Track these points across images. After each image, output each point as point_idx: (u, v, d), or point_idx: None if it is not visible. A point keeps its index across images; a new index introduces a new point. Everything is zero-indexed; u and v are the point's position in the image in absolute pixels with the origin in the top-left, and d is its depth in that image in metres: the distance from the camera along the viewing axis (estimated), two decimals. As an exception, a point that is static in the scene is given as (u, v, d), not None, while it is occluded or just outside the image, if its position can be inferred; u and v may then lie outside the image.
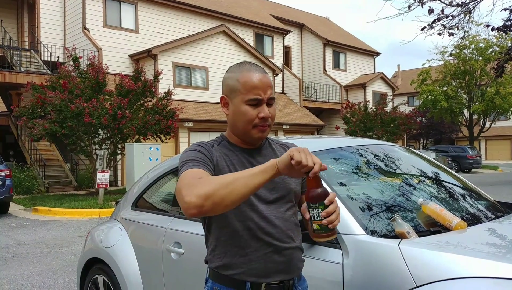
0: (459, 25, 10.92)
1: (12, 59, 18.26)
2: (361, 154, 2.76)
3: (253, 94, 1.59)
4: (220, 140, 1.72)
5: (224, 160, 1.63)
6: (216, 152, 1.65)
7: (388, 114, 24.51)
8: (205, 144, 1.66)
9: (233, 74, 1.65)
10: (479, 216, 2.52)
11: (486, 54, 28.87)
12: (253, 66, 1.66)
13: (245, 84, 1.60)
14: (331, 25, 35.26)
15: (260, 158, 1.68)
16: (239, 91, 1.61)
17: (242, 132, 1.64)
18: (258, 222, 1.60)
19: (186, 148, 1.68)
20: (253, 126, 1.61)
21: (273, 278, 1.61)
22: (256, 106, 1.60)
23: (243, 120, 1.61)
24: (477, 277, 1.66)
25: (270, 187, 1.64)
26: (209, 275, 1.69)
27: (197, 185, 1.38)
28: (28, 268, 6.11)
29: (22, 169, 15.39)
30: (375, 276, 1.87)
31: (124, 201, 3.56)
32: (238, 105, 1.62)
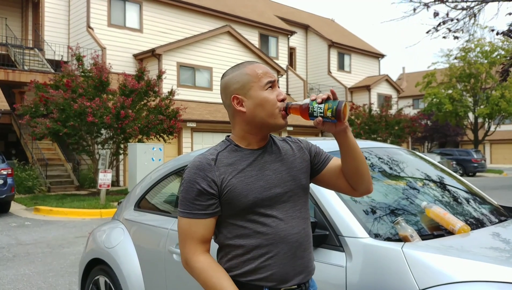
0: (464, 28, 10.91)
1: (15, 58, 18.31)
2: (365, 157, 2.74)
3: (267, 78, 1.61)
4: (227, 144, 1.66)
5: (230, 173, 1.58)
6: (220, 167, 1.58)
7: (392, 116, 24.48)
8: (207, 164, 1.58)
9: (237, 72, 1.64)
10: (483, 220, 2.51)
11: (491, 58, 28.82)
12: (251, 61, 1.69)
13: (256, 74, 1.61)
14: (336, 26, 35.25)
15: (269, 157, 1.65)
16: (253, 82, 1.60)
17: (268, 120, 1.60)
18: (276, 226, 1.57)
19: (189, 165, 1.62)
20: (279, 110, 1.60)
21: (292, 282, 1.59)
22: (272, 88, 1.62)
23: (267, 106, 1.59)
24: (481, 281, 1.66)
25: (283, 187, 1.61)
26: None
27: (190, 271, 1.63)
28: (29, 268, 6.10)
29: (24, 168, 15.41)
30: (378, 279, 1.87)
31: (127, 201, 3.55)
32: (256, 94, 1.59)
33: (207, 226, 1.57)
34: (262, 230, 1.55)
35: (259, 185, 1.57)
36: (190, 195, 1.56)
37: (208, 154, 1.62)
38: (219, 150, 1.64)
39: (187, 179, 1.58)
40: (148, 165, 12.55)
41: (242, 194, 1.54)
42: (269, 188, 1.58)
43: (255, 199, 1.55)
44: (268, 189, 1.58)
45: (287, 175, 1.63)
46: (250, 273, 1.57)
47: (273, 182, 1.59)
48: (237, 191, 1.55)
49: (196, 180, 1.56)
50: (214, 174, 1.56)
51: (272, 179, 1.59)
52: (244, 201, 1.54)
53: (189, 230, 1.56)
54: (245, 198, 1.54)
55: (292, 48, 29.25)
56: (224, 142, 1.69)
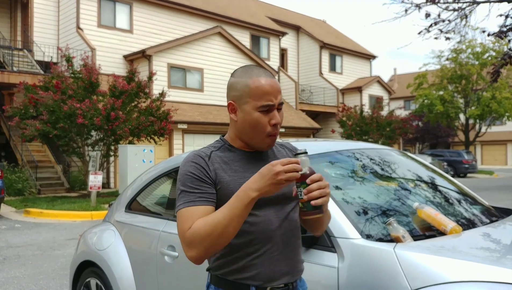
0: (456, 29, 10.99)
1: (4, 59, 18.16)
2: (357, 158, 2.75)
3: (265, 100, 1.55)
4: (221, 144, 1.67)
5: (224, 170, 1.59)
6: (213, 164, 1.59)
7: (384, 118, 24.59)
8: (202, 158, 1.59)
9: (242, 80, 1.60)
10: (474, 220, 2.53)
11: (482, 59, 29.04)
12: (262, 71, 1.62)
13: (256, 90, 1.55)
14: (327, 27, 35.35)
15: (263, 161, 1.65)
16: (250, 97, 1.56)
17: (253, 141, 1.61)
18: (264, 226, 1.58)
19: (184, 160, 1.62)
20: (267, 134, 1.58)
21: (278, 281, 1.60)
22: (267, 112, 1.57)
23: (255, 128, 1.57)
24: (472, 281, 1.67)
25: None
26: (210, 281, 1.66)
27: (192, 245, 1.48)
28: (20, 271, 6.05)
29: (14, 170, 15.28)
30: (370, 280, 1.87)
31: (118, 203, 3.53)
32: (249, 112, 1.57)
33: (206, 211, 1.52)
34: (250, 229, 1.56)
35: None
36: (187, 185, 1.55)
37: (202, 151, 1.63)
38: (212, 149, 1.64)
39: (183, 172, 1.57)
40: (139, 167, 12.49)
41: (233, 192, 1.53)
42: None
43: None
44: None
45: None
46: (237, 271, 1.58)
47: None
48: (230, 189, 1.55)
49: (191, 171, 1.56)
50: (209, 168, 1.57)
51: None
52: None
53: (187, 216, 1.50)
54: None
55: (283, 49, 29.28)
56: (218, 142, 1.69)
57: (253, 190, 1.43)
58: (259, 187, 1.42)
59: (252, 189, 1.43)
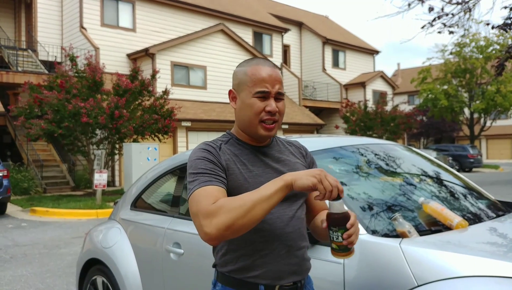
0: (459, 23, 10.92)
1: (9, 59, 18.21)
2: (362, 153, 2.74)
3: (260, 87, 1.57)
4: (228, 137, 1.68)
5: (234, 161, 1.59)
6: (224, 154, 1.59)
7: (388, 113, 24.51)
8: (212, 147, 1.60)
9: (242, 68, 1.64)
10: (480, 215, 2.51)
11: (486, 52, 28.84)
12: (263, 60, 1.64)
13: (253, 77, 1.58)
14: (330, 23, 35.23)
15: (271, 156, 1.66)
16: (246, 84, 1.59)
17: (249, 127, 1.61)
18: (272, 224, 1.57)
19: (194, 149, 1.62)
20: (260, 120, 1.58)
21: (287, 279, 1.59)
22: (264, 100, 1.58)
23: (249, 113, 1.58)
24: (478, 276, 1.66)
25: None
26: (217, 279, 1.65)
27: (216, 215, 1.37)
28: (26, 269, 6.09)
29: (19, 170, 15.35)
30: (376, 275, 1.86)
31: (123, 201, 3.54)
32: (245, 98, 1.59)
33: (223, 191, 1.49)
34: (258, 227, 1.55)
35: (260, 181, 1.57)
36: (200, 168, 1.52)
37: (211, 142, 1.62)
38: (221, 143, 1.65)
39: (194, 158, 1.56)
40: (144, 164, 12.51)
41: (243, 186, 1.54)
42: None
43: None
44: None
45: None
46: (245, 269, 1.57)
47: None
48: (239, 181, 1.55)
49: (203, 155, 1.56)
50: (220, 158, 1.57)
51: (272, 177, 1.58)
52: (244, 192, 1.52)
53: (205, 195, 1.44)
54: (245, 190, 1.52)
55: (286, 45, 29.22)
56: (225, 136, 1.70)
57: (290, 176, 1.41)
58: (296, 176, 1.41)
59: (288, 176, 1.42)
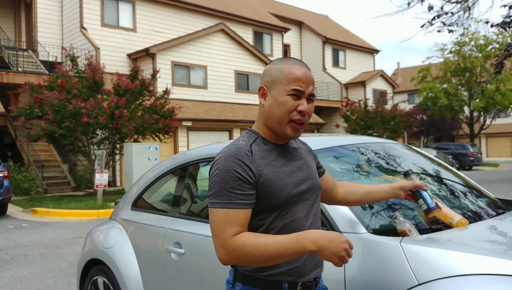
0: (459, 22, 10.92)
1: (9, 59, 18.23)
2: (362, 152, 2.74)
3: (295, 85, 1.57)
4: (254, 137, 1.65)
5: (265, 166, 1.57)
6: (256, 159, 1.56)
7: (388, 111, 24.52)
8: (246, 155, 1.54)
9: (276, 66, 1.63)
10: (480, 213, 2.51)
11: (486, 51, 28.86)
12: (298, 60, 1.64)
13: (288, 75, 1.58)
14: (330, 22, 35.24)
15: (293, 155, 1.69)
16: (281, 82, 1.59)
17: (277, 124, 1.59)
18: (300, 222, 1.60)
19: (225, 153, 1.55)
20: (290, 119, 1.57)
21: (309, 276, 1.62)
22: (297, 99, 1.58)
23: (281, 110, 1.57)
24: (479, 274, 1.66)
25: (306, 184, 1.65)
26: (236, 278, 1.63)
27: (232, 252, 1.46)
28: (27, 270, 6.09)
29: (20, 170, 15.37)
30: (376, 274, 1.87)
31: (124, 201, 3.54)
32: (278, 95, 1.58)
33: (246, 216, 1.52)
34: (286, 225, 1.58)
35: (290, 182, 1.59)
36: (228, 184, 1.50)
37: (243, 145, 1.58)
38: (250, 142, 1.61)
39: (224, 168, 1.51)
40: (144, 164, 12.53)
41: (277, 190, 1.55)
42: (297, 184, 1.61)
43: (288, 195, 1.57)
44: (297, 185, 1.61)
45: (308, 174, 1.68)
46: (269, 267, 1.56)
47: (300, 179, 1.63)
48: (274, 185, 1.55)
49: (234, 168, 1.51)
50: (252, 165, 1.54)
51: (298, 176, 1.63)
52: (278, 196, 1.55)
53: (227, 220, 1.48)
54: (280, 193, 1.55)
55: (286, 45, 29.22)
56: (250, 134, 1.66)
57: (315, 245, 1.44)
58: (321, 246, 1.43)
59: (315, 243, 1.44)
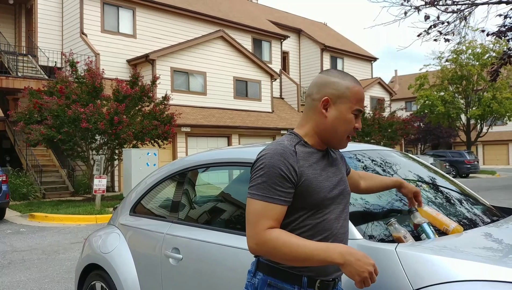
0: (455, 31, 11.00)
1: (9, 64, 18.25)
2: (359, 159, 2.76)
3: (360, 106, 1.70)
4: (297, 139, 1.71)
5: (307, 167, 1.64)
6: (299, 159, 1.63)
7: (385, 119, 24.57)
8: (291, 154, 1.62)
9: (341, 81, 1.70)
10: (476, 220, 2.53)
11: (482, 59, 29.00)
12: (355, 79, 1.75)
13: (356, 95, 1.69)
14: (328, 30, 35.37)
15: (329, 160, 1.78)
16: (349, 100, 1.69)
17: (334, 137, 1.71)
18: (331, 223, 1.67)
19: (273, 150, 1.62)
20: (348, 135, 1.71)
21: (330, 275, 1.67)
22: (356, 117, 1.71)
23: (346, 127, 1.69)
24: (474, 281, 1.67)
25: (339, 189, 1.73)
26: (258, 268, 1.69)
27: (263, 245, 1.54)
28: (25, 275, 6.09)
29: (19, 175, 15.35)
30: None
31: (122, 206, 3.55)
32: (345, 112, 1.68)
33: (282, 212, 1.59)
34: (318, 225, 1.64)
35: (327, 185, 1.67)
36: (271, 179, 1.57)
37: (288, 144, 1.65)
38: (294, 143, 1.68)
39: (270, 164, 1.59)
40: (143, 170, 12.54)
41: (315, 190, 1.62)
42: (333, 188, 1.69)
43: (324, 197, 1.64)
44: (332, 189, 1.68)
45: (340, 180, 1.76)
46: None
47: (334, 183, 1.71)
48: (312, 186, 1.62)
49: (279, 165, 1.58)
50: (296, 165, 1.61)
51: (333, 181, 1.71)
52: (315, 197, 1.62)
53: (264, 213, 1.56)
54: (317, 194, 1.62)
55: (285, 52, 29.31)
56: (293, 137, 1.73)
57: (342, 258, 1.51)
58: (347, 261, 1.50)
59: (342, 256, 1.51)
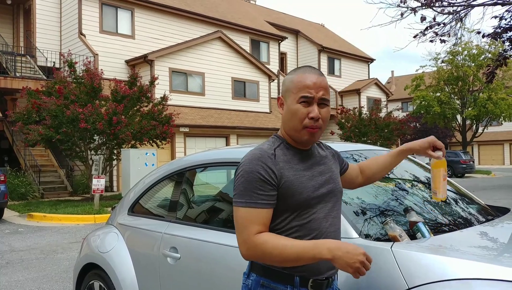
0: (451, 32, 11.03)
1: (7, 64, 18.23)
2: (355, 159, 2.79)
3: (304, 92, 1.63)
4: (279, 141, 1.72)
5: (287, 169, 1.64)
6: (279, 162, 1.63)
7: (382, 119, 24.60)
8: (269, 157, 1.62)
9: (290, 76, 1.70)
10: (471, 219, 2.56)
11: (478, 60, 29.09)
12: (310, 68, 1.71)
13: (298, 84, 1.65)
14: (326, 31, 35.41)
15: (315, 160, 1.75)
16: (292, 91, 1.66)
17: (294, 132, 1.67)
18: (319, 222, 1.66)
19: (250, 156, 1.63)
20: (304, 126, 1.64)
21: (322, 275, 1.67)
22: (308, 105, 1.63)
23: (294, 118, 1.64)
24: (469, 279, 1.68)
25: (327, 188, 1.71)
26: (252, 269, 1.70)
27: (254, 249, 1.55)
28: (23, 274, 6.09)
29: (17, 175, 15.33)
30: (368, 278, 1.90)
31: (120, 206, 3.56)
32: (291, 104, 1.66)
33: (268, 216, 1.60)
34: (305, 225, 1.63)
35: (311, 185, 1.66)
36: (252, 185, 1.58)
37: (267, 148, 1.66)
38: (274, 147, 1.68)
39: (248, 169, 1.60)
40: (142, 170, 12.54)
41: (297, 191, 1.61)
42: (318, 188, 1.67)
43: (307, 197, 1.63)
44: (317, 189, 1.67)
45: (329, 178, 1.74)
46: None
47: (321, 183, 1.70)
48: (294, 187, 1.62)
49: (258, 170, 1.59)
50: (275, 167, 1.61)
51: (319, 180, 1.70)
52: (298, 198, 1.62)
53: (250, 219, 1.57)
54: (299, 195, 1.62)
55: (283, 53, 29.34)
56: (275, 139, 1.74)
57: (331, 253, 1.50)
58: (336, 256, 1.49)
59: (330, 252, 1.50)
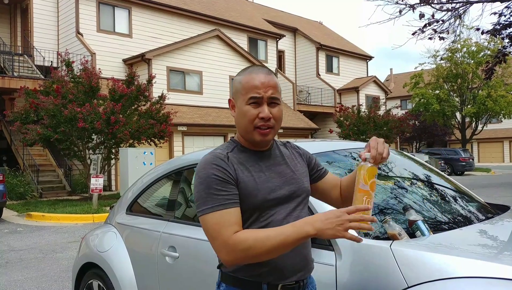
0: (450, 29, 11.03)
1: (4, 64, 18.19)
2: (354, 157, 2.78)
3: (252, 93, 1.59)
4: (233, 145, 1.69)
5: (241, 170, 1.60)
6: (232, 164, 1.60)
7: (381, 117, 24.62)
8: (222, 160, 1.58)
9: (238, 77, 1.66)
10: (471, 217, 2.55)
11: (477, 58, 29.06)
12: (257, 67, 1.67)
13: (245, 84, 1.61)
14: (324, 29, 35.39)
15: (273, 160, 1.70)
16: (241, 92, 1.62)
17: (246, 134, 1.63)
18: (278, 224, 1.60)
19: (203, 162, 1.59)
20: (255, 127, 1.60)
21: (290, 278, 1.62)
22: (258, 106, 1.60)
23: (244, 120, 1.61)
24: (468, 277, 1.68)
25: (287, 189, 1.66)
26: (221, 279, 1.67)
27: (235, 249, 1.46)
28: (22, 274, 6.09)
29: (15, 175, 15.31)
30: (367, 277, 1.90)
31: (119, 205, 3.56)
32: (240, 105, 1.62)
33: (238, 214, 1.54)
34: (264, 228, 1.58)
35: (267, 186, 1.61)
36: (212, 188, 1.53)
37: (219, 153, 1.62)
38: (227, 151, 1.65)
39: (204, 175, 1.56)
40: (140, 169, 12.52)
41: (252, 194, 1.58)
42: (275, 189, 1.62)
43: (263, 199, 1.59)
44: (275, 190, 1.62)
45: (291, 178, 1.69)
46: (250, 269, 1.59)
47: (279, 184, 1.64)
48: (249, 190, 1.58)
49: (213, 172, 1.55)
50: (229, 168, 1.58)
51: (278, 181, 1.65)
52: (253, 200, 1.58)
53: (221, 222, 1.50)
54: (254, 197, 1.57)
55: (281, 51, 29.31)
56: (230, 143, 1.71)
57: (313, 227, 1.43)
58: (319, 227, 1.43)
59: (312, 226, 1.44)
